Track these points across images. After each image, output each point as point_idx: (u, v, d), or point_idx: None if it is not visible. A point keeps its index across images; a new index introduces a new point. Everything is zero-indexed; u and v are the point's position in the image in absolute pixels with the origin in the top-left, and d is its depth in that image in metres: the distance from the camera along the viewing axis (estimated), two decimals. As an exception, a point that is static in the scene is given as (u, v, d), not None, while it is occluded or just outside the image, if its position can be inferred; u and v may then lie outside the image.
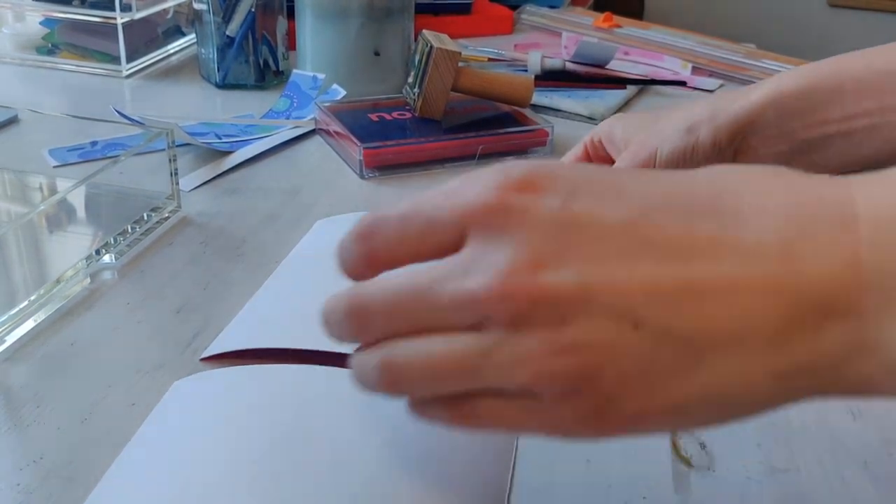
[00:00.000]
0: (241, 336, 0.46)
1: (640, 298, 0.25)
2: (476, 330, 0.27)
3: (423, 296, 0.27)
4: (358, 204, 0.64)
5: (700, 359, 0.25)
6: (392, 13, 0.82)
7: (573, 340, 0.25)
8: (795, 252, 0.25)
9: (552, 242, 0.26)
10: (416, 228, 0.28)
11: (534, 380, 0.26)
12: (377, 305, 0.29)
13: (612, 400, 0.26)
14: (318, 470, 0.35)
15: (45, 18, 0.94)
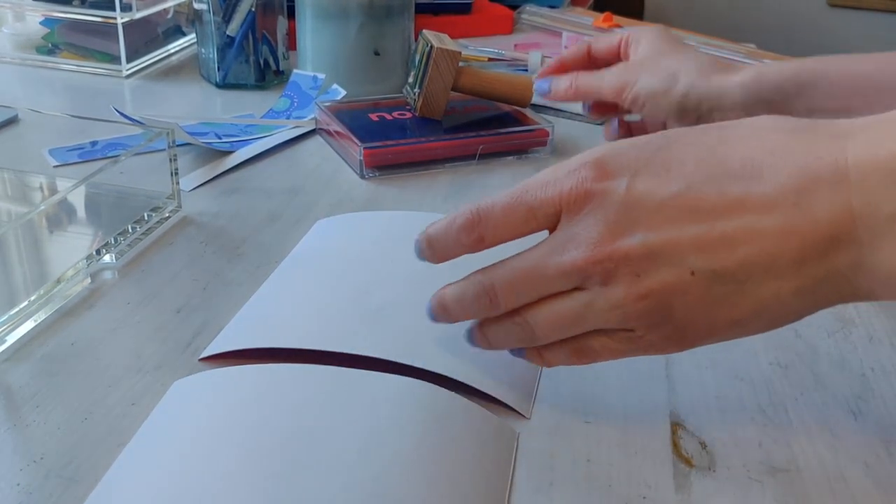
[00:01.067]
0: (240, 336, 0.46)
1: (690, 251, 0.34)
2: (580, 290, 0.36)
3: (535, 272, 0.37)
4: (358, 204, 0.64)
5: (741, 288, 0.34)
6: (392, 13, 0.82)
7: (648, 288, 0.35)
8: (802, 203, 0.33)
9: (623, 218, 0.35)
10: (520, 216, 0.37)
11: (625, 319, 0.36)
12: (502, 286, 0.38)
13: (685, 326, 0.36)
14: (317, 469, 0.35)
15: (45, 18, 0.94)
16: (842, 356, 0.48)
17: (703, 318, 0.36)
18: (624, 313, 0.36)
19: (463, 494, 0.36)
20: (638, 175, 0.35)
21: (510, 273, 0.38)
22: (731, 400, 0.44)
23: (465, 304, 0.39)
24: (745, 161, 0.35)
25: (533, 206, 0.37)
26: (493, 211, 0.38)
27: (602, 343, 0.38)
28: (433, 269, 0.51)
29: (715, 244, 0.34)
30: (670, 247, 0.34)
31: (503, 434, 0.40)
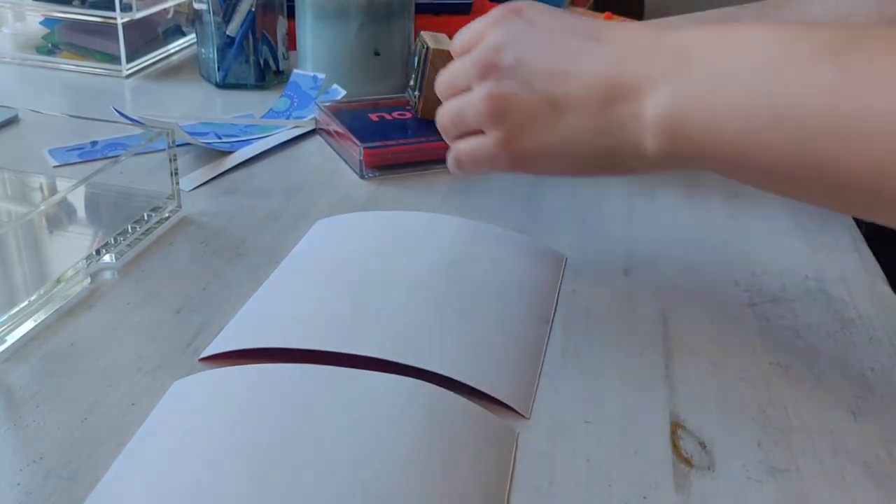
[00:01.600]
0: (240, 336, 0.46)
1: (540, 75, 0.45)
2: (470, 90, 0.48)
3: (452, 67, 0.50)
4: (358, 204, 0.64)
5: (560, 116, 0.44)
6: (392, 13, 0.82)
7: (500, 90, 0.46)
8: (623, 65, 0.42)
9: (510, 39, 0.46)
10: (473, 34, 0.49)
11: (482, 113, 0.47)
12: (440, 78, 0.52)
13: (514, 134, 0.46)
14: (317, 469, 0.35)
15: (45, 18, 0.94)
16: (842, 356, 0.48)
17: (528, 134, 0.45)
18: (478, 110, 0.47)
19: (462, 494, 0.36)
20: (536, 20, 0.46)
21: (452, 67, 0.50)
22: (731, 400, 0.44)
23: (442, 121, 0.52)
24: (600, 28, 0.45)
25: (478, 29, 0.48)
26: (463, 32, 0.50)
27: (464, 145, 0.49)
28: (433, 269, 0.51)
29: (558, 75, 0.44)
30: (528, 67, 0.45)
31: (503, 434, 0.40)
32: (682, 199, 0.66)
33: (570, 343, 0.48)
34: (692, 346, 0.48)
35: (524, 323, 0.49)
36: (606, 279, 0.55)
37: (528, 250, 0.56)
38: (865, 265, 0.58)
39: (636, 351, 0.48)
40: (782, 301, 0.53)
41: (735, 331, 0.50)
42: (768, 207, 0.66)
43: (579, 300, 0.53)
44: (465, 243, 0.55)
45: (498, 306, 0.49)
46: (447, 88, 0.50)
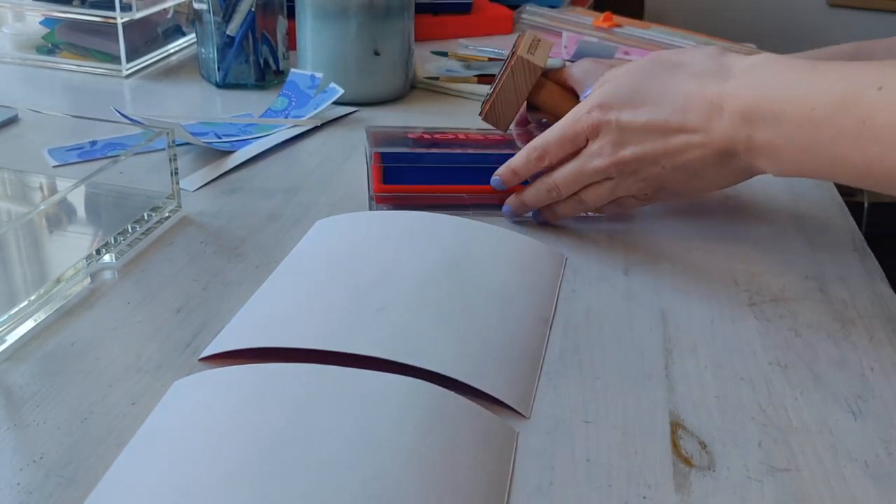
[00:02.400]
0: (240, 335, 0.46)
1: (661, 157, 0.54)
2: (608, 180, 0.57)
3: (580, 171, 0.57)
4: (358, 204, 0.64)
5: (698, 173, 0.54)
6: (392, 13, 0.82)
7: (647, 175, 0.55)
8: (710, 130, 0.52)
9: (621, 138, 0.55)
10: (566, 145, 0.57)
11: (641, 192, 0.57)
12: (559, 179, 0.58)
13: (673, 192, 0.57)
14: (317, 469, 0.35)
15: (45, 18, 0.94)
16: (842, 356, 0.48)
17: (682, 188, 0.56)
18: (638, 188, 0.56)
19: (462, 494, 0.36)
20: (624, 109, 0.54)
21: (563, 172, 0.58)
22: (731, 400, 0.44)
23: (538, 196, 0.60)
24: (680, 96, 0.53)
25: (572, 138, 0.57)
26: (551, 144, 0.58)
27: (629, 202, 0.58)
28: (433, 268, 0.51)
29: (672, 153, 0.53)
30: (648, 157, 0.54)
31: (503, 434, 0.40)
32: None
33: (570, 343, 0.48)
34: (692, 346, 0.48)
35: (524, 323, 0.49)
36: (606, 279, 0.55)
37: (528, 250, 0.56)
38: (865, 265, 0.58)
39: (636, 351, 0.48)
40: (782, 301, 0.53)
41: (735, 331, 0.50)
42: (768, 207, 0.66)
43: (579, 300, 0.53)
44: (465, 243, 0.55)
45: (498, 306, 0.49)
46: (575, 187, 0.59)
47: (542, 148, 0.58)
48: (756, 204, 0.66)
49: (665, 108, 0.53)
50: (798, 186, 0.70)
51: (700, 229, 0.62)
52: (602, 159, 0.55)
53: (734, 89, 0.51)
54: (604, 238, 0.60)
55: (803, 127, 0.47)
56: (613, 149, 0.55)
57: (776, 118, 0.48)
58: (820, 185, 0.70)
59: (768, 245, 0.60)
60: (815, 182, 0.71)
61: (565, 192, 0.58)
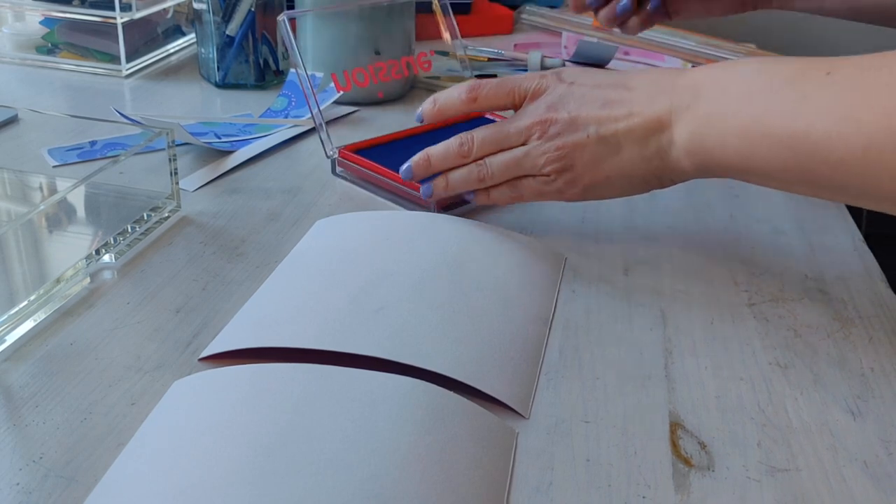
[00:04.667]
0: (240, 336, 0.46)
1: (591, 122, 0.54)
2: (524, 145, 0.56)
3: (501, 131, 0.56)
4: (358, 204, 0.64)
5: (614, 151, 0.54)
6: (392, 13, 0.82)
7: (563, 143, 0.54)
8: (652, 104, 0.53)
9: (560, 101, 0.55)
10: (504, 92, 0.57)
11: (546, 164, 0.55)
12: (477, 140, 0.57)
13: (580, 175, 0.55)
14: (317, 469, 0.35)
15: (45, 18, 0.94)
16: (842, 356, 0.48)
17: (590, 170, 0.54)
18: (546, 159, 0.55)
19: (462, 494, 0.36)
20: (575, 82, 0.56)
21: (483, 132, 0.57)
22: (731, 400, 0.44)
23: (447, 154, 0.58)
24: (631, 80, 0.55)
25: (514, 89, 0.57)
26: (488, 84, 0.58)
27: (528, 183, 0.56)
28: (433, 269, 0.51)
29: (605, 120, 0.53)
30: (581, 119, 0.54)
31: (502, 434, 0.40)
32: (682, 199, 0.66)
33: (569, 343, 0.48)
34: (692, 346, 0.48)
35: (524, 323, 0.49)
36: (606, 279, 0.55)
37: (528, 250, 0.56)
38: (865, 265, 0.58)
39: (636, 351, 0.48)
40: (782, 301, 0.53)
41: (734, 331, 0.50)
42: (768, 207, 0.66)
43: (579, 300, 0.53)
44: (465, 243, 0.55)
45: (498, 306, 0.49)
46: (491, 148, 0.57)
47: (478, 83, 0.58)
48: (756, 204, 0.66)
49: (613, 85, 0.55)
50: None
51: (700, 229, 0.62)
52: (528, 118, 0.55)
53: (689, 79, 0.52)
54: (604, 238, 0.60)
55: (744, 99, 0.48)
56: (547, 109, 0.55)
57: (722, 91, 0.50)
58: (820, 185, 0.70)
59: (768, 245, 0.60)
60: (814, 182, 0.71)
61: (477, 147, 0.57)
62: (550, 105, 0.55)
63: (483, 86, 0.57)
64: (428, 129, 0.73)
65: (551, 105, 0.55)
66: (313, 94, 0.67)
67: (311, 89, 0.67)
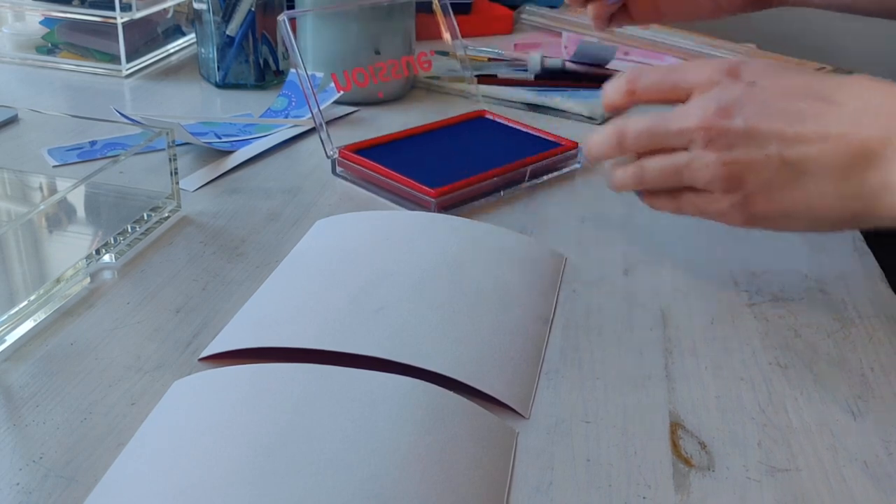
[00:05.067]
0: (240, 335, 0.46)
1: (772, 140, 0.44)
2: (686, 151, 0.47)
3: (659, 127, 0.48)
4: (358, 204, 0.64)
5: (799, 179, 0.44)
6: (392, 13, 0.82)
7: (733, 158, 0.45)
8: (859, 126, 0.42)
9: (735, 104, 0.45)
10: (668, 85, 0.49)
11: (710, 179, 0.46)
12: (632, 130, 0.49)
13: (750, 199, 0.46)
14: (317, 469, 0.35)
15: (45, 18, 0.94)
16: (842, 356, 0.48)
17: (764, 197, 0.45)
18: (711, 174, 0.46)
19: (462, 494, 0.36)
20: (757, 82, 0.46)
21: (641, 123, 0.48)
22: (731, 400, 0.44)
23: (599, 142, 0.51)
24: (833, 90, 0.44)
25: (678, 81, 0.48)
26: (648, 75, 0.50)
27: (689, 198, 0.49)
28: (433, 268, 0.51)
29: (792, 139, 0.43)
30: (760, 133, 0.44)
31: (502, 434, 0.40)
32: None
33: (570, 343, 0.48)
34: (692, 346, 0.48)
35: (524, 323, 0.49)
36: (606, 279, 0.55)
37: (528, 250, 0.56)
38: (865, 265, 0.58)
39: (636, 351, 0.48)
40: (782, 301, 0.53)
41: (735, 331, 0.50)
42: (768, 207, 0.66)
43: (579, 300, 0.52)
44: (465, 243, 0.55)
45: (498, 306, 0.49)
46: (648, 144, 0.48)
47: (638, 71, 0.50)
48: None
49: (807, 93, 0.45)
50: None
51: (700, 229, 0.62)
52: (694, 118, 0.46)
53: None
54: (604, 238, 0.60)
55: None
56: (717, 112, 0.45)
57: None
58: (820, 185, 0.70)
59: (768, 245, 0.60)
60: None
61: (632, 144, 0.49)
62: (723, 107, 0.45)
63: (642, 76, 0.49)
64: (428, 129, 0.74)
65: (724, 107, 0.45)
66: (313, 94, 0.67)
67: (311, 89, 0.67)
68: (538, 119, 0.82)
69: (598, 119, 0.82)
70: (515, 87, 0.87)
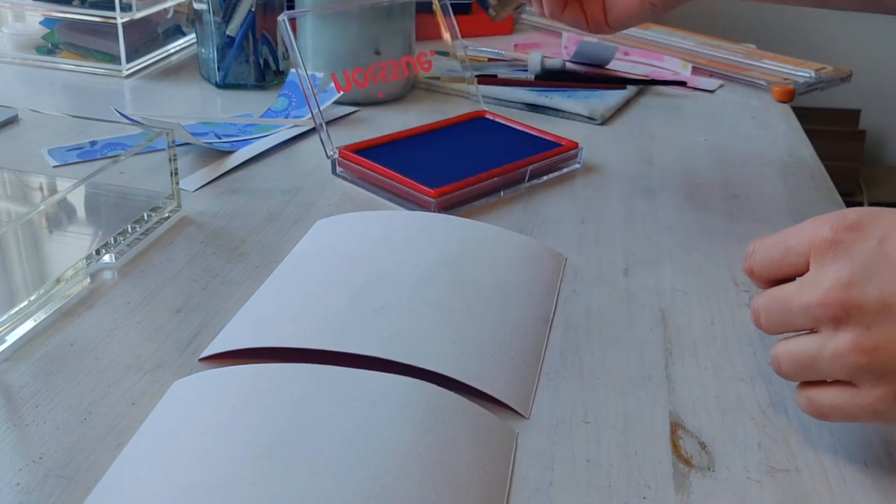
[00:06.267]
0: (240, 336, 0.46)
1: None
2: (816, 332, 0.38)
3: (784, 305, 0.39)
4: (358, 204, 0.64)
5: None
6: (392, 13, 0.82)
7: (875, 342, 0.35)
8: None
9: (864, 270, 0.36)
10: (778, 254, 0.40)
11: (850, 371, 0.37)
12: (761, 307, 0.41)
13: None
14: (316, 469, 0.35)
15: (45, 18, 0.94)
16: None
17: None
18: (848, 363, 0.36)
19: (462, 494, 0.36)
20: (888, 237, 0.37)
21: (767, 298, 0.41)
22: (731, 400, 0.44)
23: None
24: None
25: (790, 246, 0.40)
26: (760, 247, 0.42)
27: (829, 397, 0.38)
28: (433, 268, 0.51)
29: None
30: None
31: (502, 434, 0.40)
32: (682, 199, 0.66)
33: (570, 343, 0.48)
34: (692, 346, 0.48)
35: (524, 323, 0.49)
36: (606, 279, 0.55)
37: (528, 250, 0.56)
38: (865, 265, 0.58)
39: (636, 351, 0.48)
40: (782, 301, 0.53)
41: (735, 331, 0.50)
42: (768, 207, 0.66)
43: (579, 300, 0.52)
44: (465, 243, 0.55)
45: (498, 306, 0.49)
46: (778, 321, 0.40)
47: (752, 248, 0.43)
48: (756, 204, 0.66)
49: None
50: (797, 186, 0.70)
51: (700, 229, 0.62)
52: (811, 291, 0.38)
53: None
54: (604, 238, 0.60)
55: None
56: (840, 283, 0.37)
57: None
58: (819, 185, 0.70)
59: (768, 245, 0.60)
60: (814, 182, 0.71)
61: (765, 326, 0.41)
62: (846, 277, 0.36)
63: (757, 252, 0.42)
64: (428, 129, 0.74)
65: (848, 278, 0.36)
66: (313, 94, 0.67)
67: (312, 89, 0.67)
68: (538, 119, 0.82)
69: (597, 119, 0.82)
70: (515, 88, 0.87)
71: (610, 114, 0.84)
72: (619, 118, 0.85)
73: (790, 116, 0.87)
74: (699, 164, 0.74)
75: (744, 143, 0.79)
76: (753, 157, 0.76)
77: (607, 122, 0.83)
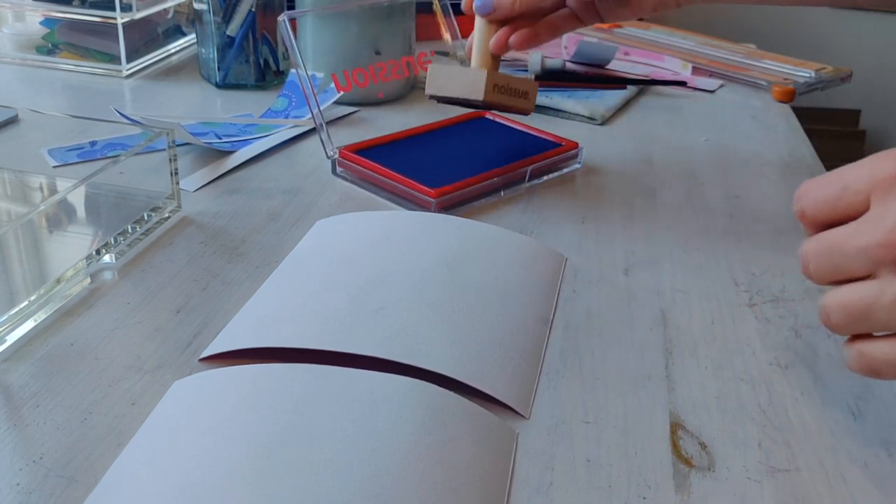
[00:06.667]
0: (240, 336, 0.46)
1: None
2: (873, 278, 0.35)
3: (837, 248, 0.36)
4: (358, 204, 0.64)
5: None
6: (392, 13, 0.82)
7: None
8: None
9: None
10: (833, 191, 0.37)
11: None
12: (810, 254, 0.38)
13: None
14: (317, 469, 0.35)
15: (45, 18, 0.94)
16: (842, 356, 0.48)
17: None
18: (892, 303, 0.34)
19: (462, 494, 0.36)
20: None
21: (818, 243, 0.38)
22: (731, 400, 0.44)
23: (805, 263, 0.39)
24: None
25: (847, 184, 0.37)
26: (814, 186, 0.39)
27: (884, 350, 0.35)
28: (433, 268, 0.51)
29: None
30: None
31: (502, 434, 0.40)
32: (682, 199, 0.66)
33: (570, 343, 0.48)
34: (692, 346, 0.48)
35: (524, 323, 0.49)
36: (606, 279, 0.55)
37: (528, 250, 0.56)
38: (865, 265, 0.58)
39: (636, 351, 0.48)
40: (782, 301, 0.53)
41: (735, 331, 0.50)
42: (768, 207, 0.66)
43: (579, 300, 0.52)
44: (465, 243, 0.55)
45: (498, 306, 0.49)
46: (829, 269, 0.37)
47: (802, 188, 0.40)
48: (756, 204, 0.66)
49: None
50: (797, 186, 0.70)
51: (700, 229, 0.62)
52: (870, 233, 0.35)
53: None
54: (604, 238, 0.60)
55: None
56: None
57: None
58: (820, 185, 0.70)
59: (768, 245, 0.60)
60: (815, 182, 0.71)
61: (815, 275, 0.39)
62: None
63: (810, 191, 0.39)
64: (428, 129, 0.74)
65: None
66: (313, 94, 0.67)
67: (312, 89, 0.67)
68: (538, 119, 0.82)
69: (597, 119, 0.82)
70: (515, 88, 0.87)
71: (610, 114, 0.84)
72: (620, 118, 0.85)
73: (790, 116, 0.87)
74: (699, 164, 0.74)
75: (744, 143, 0.79)
76: (753, 157, 0.76)
77: (607, 122, 0.83)
